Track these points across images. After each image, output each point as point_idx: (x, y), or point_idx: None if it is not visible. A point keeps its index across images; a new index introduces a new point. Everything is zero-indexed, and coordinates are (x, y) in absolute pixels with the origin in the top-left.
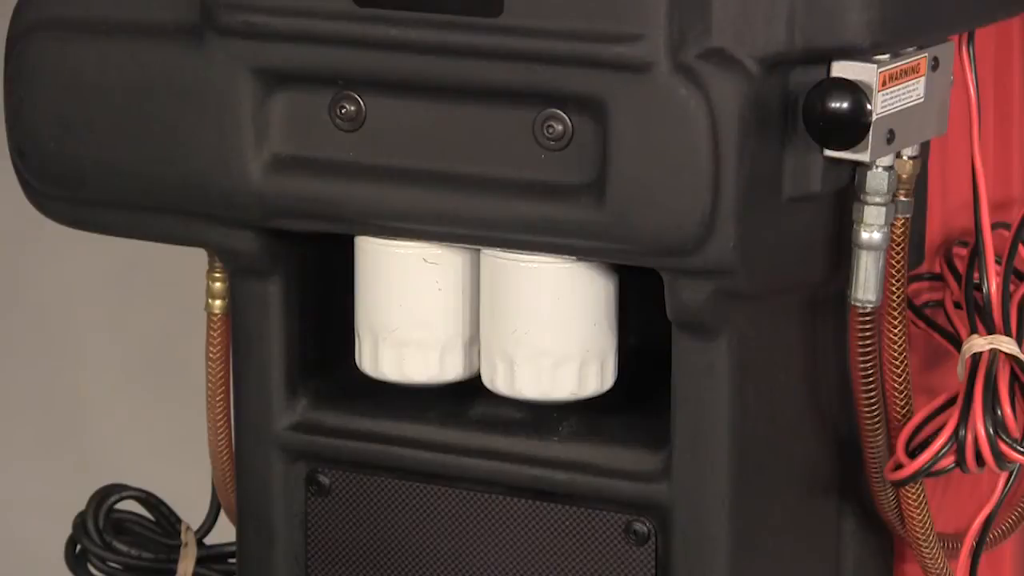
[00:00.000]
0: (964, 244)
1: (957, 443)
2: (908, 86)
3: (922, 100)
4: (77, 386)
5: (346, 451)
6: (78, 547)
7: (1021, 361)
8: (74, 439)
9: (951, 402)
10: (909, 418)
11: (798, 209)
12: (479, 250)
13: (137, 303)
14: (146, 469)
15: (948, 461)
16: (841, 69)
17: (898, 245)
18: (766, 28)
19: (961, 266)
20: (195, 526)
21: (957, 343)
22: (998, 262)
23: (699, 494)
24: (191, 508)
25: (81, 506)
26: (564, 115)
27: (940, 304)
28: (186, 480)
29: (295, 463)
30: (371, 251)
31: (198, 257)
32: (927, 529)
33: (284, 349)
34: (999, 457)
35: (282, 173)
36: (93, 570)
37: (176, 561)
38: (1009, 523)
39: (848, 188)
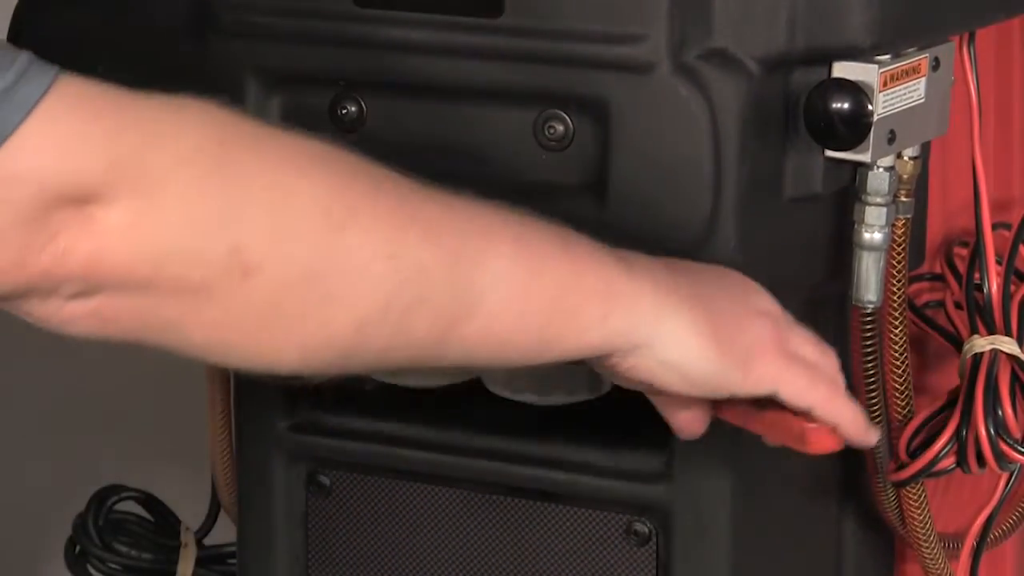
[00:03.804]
0: (965, 244)
1: (958, 443)
2: (909, 86)
3: (923, 100)
4: (77, 386)
5: (346, 451)
6: (78, 547)
7: (1022, 361)
8: (74, 439)
9: (952, 403)
10: (910, 418)
11: (799, 209)
12: None
13: None
14: (146, 469)
15: (949, 461)
16: (842, 70)
17: (899, 245)
18: (767, 29)
19: (962, 266)
20: (195, 526)
21: (958, 343)
22: (999, 262)
23: (699, 494)
24: (191, 508)
25: (81, 506)
26: (565, 116)
27: (941, 304)
28: (186, 480)
29: (295, 463)
30: None
31: None
32: (928, 529)
33: None
34: (1000, 457)
35: None
36: (93, 571)
37: (176, 562)
38: (1010, 523)
39: (849, 189)
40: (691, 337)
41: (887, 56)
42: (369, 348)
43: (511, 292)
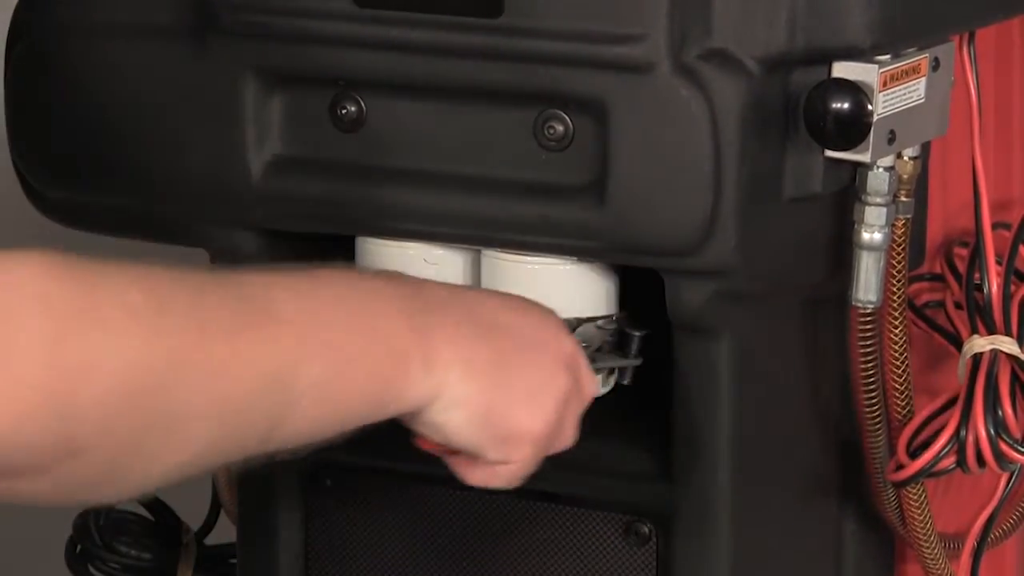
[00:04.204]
0: (965, 244)
1: (958, 443)
2: (909, 86)
3: (923, 100)
4: None
5: (347, 452)
6: (78, 547)
7: (1022, 361)
8: None
9: (952, 402)
10: (910, 418)
11: (799, 210)
12: (480, 251)
13: None
14: None
15: (949, 461)
16: (842, 70)
17: (899, 245)
18: (767, 29)
19: (962, 266)
20: (195, 526)
21: (958, 343)
22: (999, 262)
23: (699, 494)
24: (191, 508)
25: (81, 506)
26: (565, 116)
27: (941, 304)
28: (186, 480)
29: (296, 463)
30: (372, 251)
31: (198, 257)
32: (928, 529)
33: None
34: (1000, 457)
35: (283, 173)
36: (93, 570)
37: (176, 562)
38: (1010, 523)
39: (849, 189)
40: (464, 409)
41: (887, 56)
42: (191, 472)
43: (320, 389)
